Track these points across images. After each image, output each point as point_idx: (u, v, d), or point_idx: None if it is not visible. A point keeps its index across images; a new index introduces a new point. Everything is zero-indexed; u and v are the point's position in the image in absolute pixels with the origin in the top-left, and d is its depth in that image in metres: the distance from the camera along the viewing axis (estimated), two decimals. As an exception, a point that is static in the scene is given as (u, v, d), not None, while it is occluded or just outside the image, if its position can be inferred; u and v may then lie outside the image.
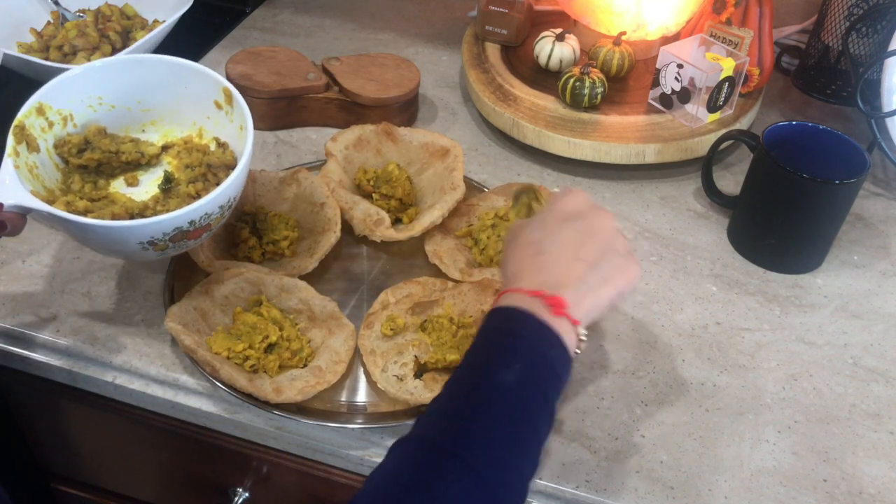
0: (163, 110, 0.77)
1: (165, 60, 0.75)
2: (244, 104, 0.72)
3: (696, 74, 0.91)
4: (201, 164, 0.73)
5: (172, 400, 0.71)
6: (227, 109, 0.74)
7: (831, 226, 0.83)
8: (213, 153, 0.74)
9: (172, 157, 0.76)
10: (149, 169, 0.76)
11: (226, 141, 0.75)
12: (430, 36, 1.19)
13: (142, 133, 0.77)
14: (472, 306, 0.74)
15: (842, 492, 0.66)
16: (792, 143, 0.82)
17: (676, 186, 0.95)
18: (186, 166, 0.74)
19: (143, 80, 0.75)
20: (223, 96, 0.74)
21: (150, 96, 0.76)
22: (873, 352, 0.77)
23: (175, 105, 0.76)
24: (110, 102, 0.75)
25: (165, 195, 0.73)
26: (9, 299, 0.76)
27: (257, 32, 1.18)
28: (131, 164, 0.75)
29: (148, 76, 0.75)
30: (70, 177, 0.73)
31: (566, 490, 0.65)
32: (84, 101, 0.73)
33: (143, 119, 0.77)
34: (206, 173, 0.73)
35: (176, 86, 0.75)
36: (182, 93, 0.75)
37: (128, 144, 0.75)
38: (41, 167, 0.71)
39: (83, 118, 0.74)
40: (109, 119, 0.75)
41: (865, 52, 0.96)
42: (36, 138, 0.70)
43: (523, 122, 0.94)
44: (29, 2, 1.09)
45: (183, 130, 0.77)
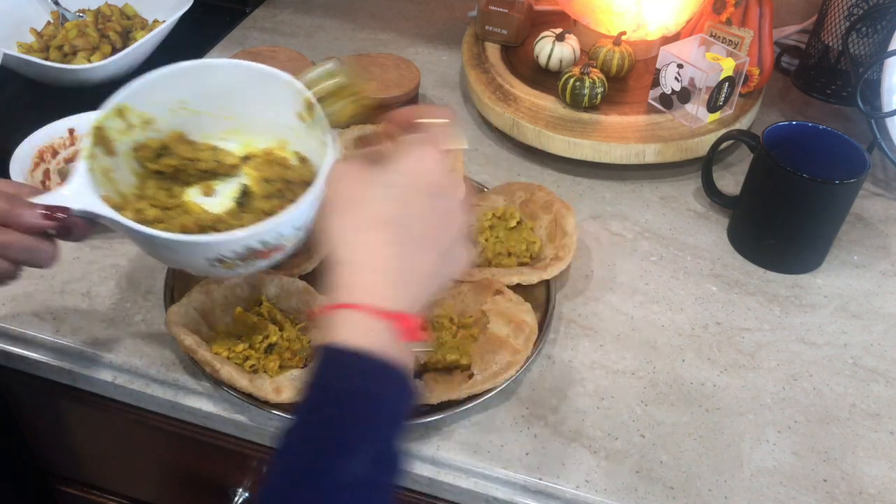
0: (245, 119, 0.71)
1: (251, 67, 0.69)
2: (324, 117, 0.66)
3: (696, 74, 0.91)
4: (280, 178, 0.68)
5: (172, 400, 0.71)
6: (309, 122, 0.68)
7: (831, 226, 0.83)
8: (292, 168, 0.69)
9: (252, 169, 0.70)
10: (226, 179, 0.71)
11: (306, 155, 0.69)
12: (430, 36, 1.19)
13: (222, 141, 0.71)
14: (472, 306, 0.74)
15: (842, 492, 0.66)
16: (792, 143, 0.82)
17: (676, 186, 0.95)
18: (265, 180, 0.69)
19: (228, 85, 0.70)
20: (305, 107, 0.67)
21: (233, 103, 0.70)
22: (873, 352, 0.77)
23: (258, 114, 0.71)
24: (193, 108, 0.70)
25: (241, 209, 0.68)
26: (9, 299, 0.76)
27: (257, 32, 1.18)
28: (208, 173, 0.70)
29: (232, 82, 0.70)
30: (146, 182, 0.68)
31: (566, 490, 0.65)
32: (166, 104, 0.69)
33: (224, 127, 0.71)
34: (283, 189, 0.67)
35: (260, 94, 0.69)
36: (266, 101, 0.69)
37: (207, 152, 0.70)
38: (117, 171, 0.66)
39: (164, 122, 0.69)
40: (190, 125, 0.70)
41: (865, 52, 0.96)
42: (114, 141, 0.66)
43: (523, 122, 0.94)
44: (29, 2, 1.09)
45: (265, 141, 0.72)
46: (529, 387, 0.72)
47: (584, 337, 0.77)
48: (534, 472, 0.65)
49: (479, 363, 0.68)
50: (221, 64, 0.70)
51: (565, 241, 0.79)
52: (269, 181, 0.69)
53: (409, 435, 0.53)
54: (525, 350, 0.70)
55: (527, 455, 0.66)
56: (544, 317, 0.75)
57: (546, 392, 0.71)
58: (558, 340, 0.76)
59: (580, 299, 0.80)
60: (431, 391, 0.67)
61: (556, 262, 0.77)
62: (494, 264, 0.79)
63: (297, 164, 0.69)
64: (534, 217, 0.83)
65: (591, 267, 0.84)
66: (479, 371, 0.68)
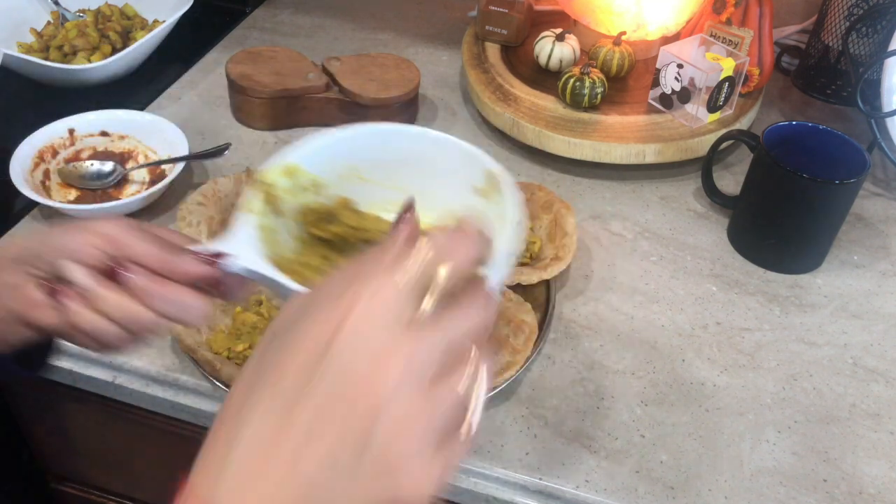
0: (412, 190, 0.64)
1: (428, 135, 0.65)
2: (513, 191, 0.60)
3: (696, 74, 0.91)
4: None
5: (172, 400, 0.71)
6: (489, 196, 0.63)
7: (831, 226, 0.83)
8: None
9: None
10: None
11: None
12: (430, 36, 1.19)
13: (384, 212, 0.66)
14: (472, 306, 0.74)
15: (842, 492, 0.66)
16: (792, 143, 0.82)
17: (676, 186, 0.95)
18: None
19: (400, 153, 0.65)
20: (486, 181, 0.63)
21: (402, 173, 0.66)
22: (873, 352, 0.77)
23: (428, 186, 0.65)
24: (362, 175, 0.65)
25: None
26: (9, 299, 0.76)
27: (257, 32, 1.18)
28: (370, 244, 0.65)
29: (405, 150, 0.66)
30: (306, 248, 0.63)
31: (566, 490, 0.65)
32: (336, 169, 0.64)
33: (389, 197, 0.65)
34: None
35: (433, 163, 0.65)
36: (438, 172, 0.65)
37: (372, 222, 0.65)
38: (279, 233, 0.61)
39: (332, 188, 0.64)
40: (357, 192, 0.66)
41: (865, 52, 0.96)
42: (280, 200, 0.61)
43: (523, 122, 0.94)
44: (29, 2, 1.09)
45: (431, 215, 0.64)
46: (529, 387, 0.72)
47: (584, 337, 0.77)
48: (534, 472, 0.65)
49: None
50: (399, 130, 0.66)
51: (565, 241, 0.79)
52: None
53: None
54: (525, 350, 0.70)
55: (527, 455, 0.66)
56: (544, 317, 0.75)
57: (546, 392, 0.71)
58: (558, 340, 0.76)
59: (580, 299, 0.80)
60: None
61: (555, 262, 0.77)
62: (494, 264, 0.79)
63: None
64: (534, 217, 0.83)
65: (591, 267, 0.84)
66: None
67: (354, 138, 0.65)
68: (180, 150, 0.88)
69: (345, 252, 0.64)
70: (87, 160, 0.90)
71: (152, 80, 1.06)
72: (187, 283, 0.50)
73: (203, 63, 1.10)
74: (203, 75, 1.08)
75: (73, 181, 0.88)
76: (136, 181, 0.90)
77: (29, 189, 0.82)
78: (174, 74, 1.07)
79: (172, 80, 1.06)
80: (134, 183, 0.89)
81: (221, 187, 0.81)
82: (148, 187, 0.88)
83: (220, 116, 1.01)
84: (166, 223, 0.85)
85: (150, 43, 1.03)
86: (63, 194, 0.87)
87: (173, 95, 1.04)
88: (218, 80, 1.05)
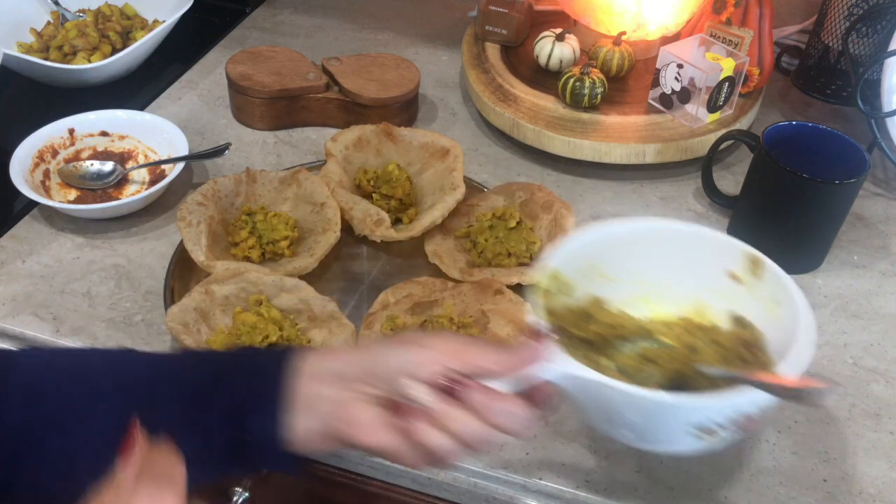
0: (655, 283, 0.66)
1: (678, 229, 0.65)
2: (781, 274, 0.60)
3: (696, 74, 0.91)
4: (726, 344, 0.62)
5: (172, 400, 0.71)
6: (747, 281, 0.63)
7: (831, 226, 0.83)
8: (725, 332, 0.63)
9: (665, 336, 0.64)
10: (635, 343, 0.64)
11: (743, 316, 0.63)
12: (430, 36, 1.19)
13: (627, 308, 0.66)
14: (472, 306, 0.74)
15: (842, 492, 0.65)
16: (792, 143, 0.82)
17: (676, 186, 0.95)
18: (689, 347, 0.63)
19: (645, 248, 0.65)
20: (747, 266, 0.63)
21: (646, 267, 0.65)
22: (873, 352, 0.77)
23: (673, 276, 0.65)
24: (603, 272, 0.65)
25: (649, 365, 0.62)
26: (9, 299, 0.76)
27: (257, 32, 1.18)
28: (628, 342, 0.65)
29: (652, 244, 0.65)
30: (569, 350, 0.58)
31: (566, 490, 0.65)
32: (581, 268, 0.64)
33: (631, 292, 0.66)
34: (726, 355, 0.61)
35: (679, 254, 0.65)
36: (684, 263, 0.65)
37: (626, 318, 0.65)
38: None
39: (579, 288, 0.64)
40: (600, 290, 0.65)
41: (865, 52, 0.96)
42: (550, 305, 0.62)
43: (523, 122, 0.94)
44: (29, 2, 1.09)
45: (676, 307, 0.66)
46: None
47: (584, 337, 0.77)
48: (534, 472, 0.65)
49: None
50: (644, 226, 0.66)
51: (565, 241, 0.79)
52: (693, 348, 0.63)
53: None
54: (525, 350, 0.70)
55: (527, 455, 0.66)
56: (544, 317, 0.75)
57: (546, 392, 0.71)
58: (558, 340, 0.76)
59: (580, 299, 0.80)
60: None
61: (556, 262, 0.77)
62: (494, 264, 0.79)
63: (733, 327, 0.64)
64: (534, 217, 0.83)
65: (591, 267, 0.84)
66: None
67: (600, 236, 0.64)
68: (180, 150, 0.89)
69: (604, 351, 0.62)
70: (87, 160, 0.90)
71: (152, 80, 1.06)
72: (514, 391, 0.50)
73: (203, 63, 1.10)
74: (203, 75, 1.08)
75: (73, 181, 0.88)
76: (136, 181, 0.90)
77: (29, 189, 0.82)
78: (174, 74, 1.07)
79: (172, 80, 1.06)
80: (134, 183, 0.89)
81: (221, 187, 0.81)
82: (148, 187, 0.88)
83: (220, 116, 1.01)
84: (166, 223, 0.85)
85: (150, 43, 1.03)
86: (63, 194, 0.87)
87: (173, 95, 1.04)
88: (218, 80, 1.05)
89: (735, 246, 0.63)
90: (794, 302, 0.59)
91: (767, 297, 0.61)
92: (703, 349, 0.62)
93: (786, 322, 0.59)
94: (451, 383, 0.49)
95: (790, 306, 0.59)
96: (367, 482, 0.71)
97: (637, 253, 0.65)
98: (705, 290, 0.65)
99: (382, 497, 0.72)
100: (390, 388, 0.50)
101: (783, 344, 0.58)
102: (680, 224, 0.66)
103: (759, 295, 0.62)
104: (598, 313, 0.64)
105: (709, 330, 0.64)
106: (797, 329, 0.56)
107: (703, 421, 0.53)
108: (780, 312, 0.59)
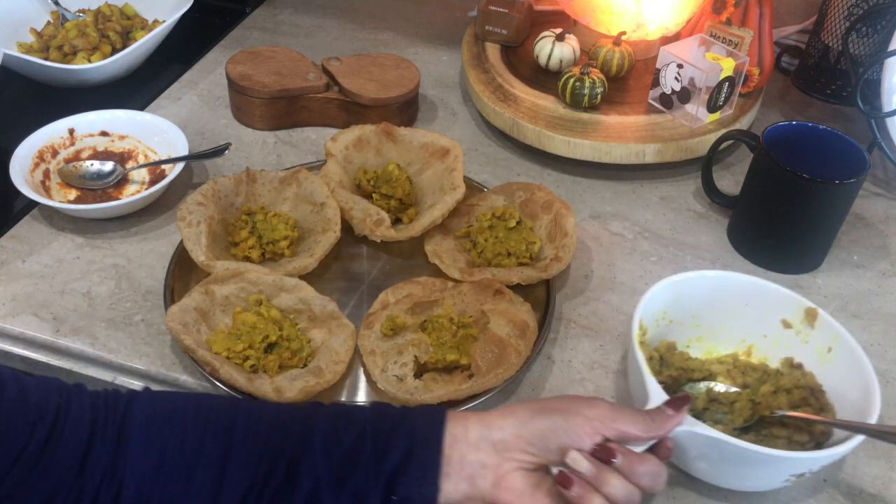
0: (711, 326, 0.72)
1: (743, 281, 0.71)
2: (837, 326, 0.68)
3: (696, 74, 0.91)
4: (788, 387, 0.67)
5: (172, 400, 0.71)
6: (800, 329, 0.70)
7: (831, 226, 0.83)
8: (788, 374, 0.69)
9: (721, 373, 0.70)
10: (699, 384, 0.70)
11: (800, 362, 0.70)
12: (430, 36, 1.19)
13: (686, 349, 0.72)
14: (472, 306, 0.74)
15: (842, 492, 0.65)
16: (792, 143, 0.82)
17: (676, 186, 0.95)
18: (743, 385, 0.69)
19: (708, 296, 0.71)
20: (801, 317, 0.69)
21: (706, 311, 0.71)
22: (873, 352, 0.77)
23: (725, 321, 0.72)
24: (671, 317, 0.71)
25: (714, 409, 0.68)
26: (9, 299, 0.76)
27: (257, 32, 1.18)
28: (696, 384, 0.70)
29: (716, 293, 0.71)
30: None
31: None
32: (652, 314, 0.69)
33: (690, 334, 0.72)
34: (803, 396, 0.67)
35: (736, 303, 0.71)
36: (740, 310, 0.71)
37: (696, 362, 0.70)
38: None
39: (651, 332, 0.69)
40: (667, 334, 0.71)
41: (865, 52, 0.96)
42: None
43: (523, 122, 0.94)
44: (29, 2, 1.09)
45: (727, 347, 0.72)
46: (529, 387, 0.72)
47: (584, 337, 0.77)
48: (534, 472, 0.65)
49: (478, 363, 0.68)
50: (717, 276, 0.72)
51: (565, 242, 0.79)
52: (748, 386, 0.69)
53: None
54: (525, 350, 0.70)
55: (527, 455, 0.66)
56: (544, 317, 0.75)
57: (546, 392, 0.71)
58: (558, 340, 0.76)
59: (580, 299, 0.80)
60: (431, 391, 0.67)
61: (555, 262, 0.77)
62: (494, 264, 0.79)
63: (788, 369, 0.70)
64: (534, 217, 0.83)
65: (591, 267, 0.84)
66: (479, 371, 0.68)
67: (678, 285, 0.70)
68: (180, 150, 0.89)
69: (676, 393, 0.66)
70: (87, 160, 0.90)
71: (152, 80, 1.06)
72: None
73: (203, 63, 1.10)
74: (203, 75, 1.08)
75: (73, 181, 0.88)
76: (135, 181, 0.90)
77: (29, 189, 0.82)
78: (174, 74, 1.07)
79: (172, 80, 1.06)
80: (134, 183, 0.89)
81: (221, 187, 0.81)
82: (148, 187, 0.88)
83: (220, 116, 1.01)
84: (166, 223, 0.85)
85: (150, 43, 1.03)
86: (63, 194, 0.87)
87: (173, 95, 1.04)
88: (218, 80, 1.05)
89: (794, 300, 0.70)
90: (849, 347, 0.66)
91: (825, 345, 0.68)
92: (768, 392, 0.67)
93: (839, 367, 0.66)
94: (605, 453, 0.53)
95: (844, 352, 0.66)
96: (367, 482, 0.71)
97: (696, 298, 0.71)
98: (757, 334, 0.71)
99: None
100: (550, 458, 0.55)
101: (837, 388, 0.66)
102: (748, 278, 0.72)
103: (808, 340, 0.69)
104: (671, 357, 0.69)
105: (759, 369, 0.70)
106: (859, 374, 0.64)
107: (805, 470, 0.60)
108: (832, 357, 0.67)
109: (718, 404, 0.68)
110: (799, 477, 0.61)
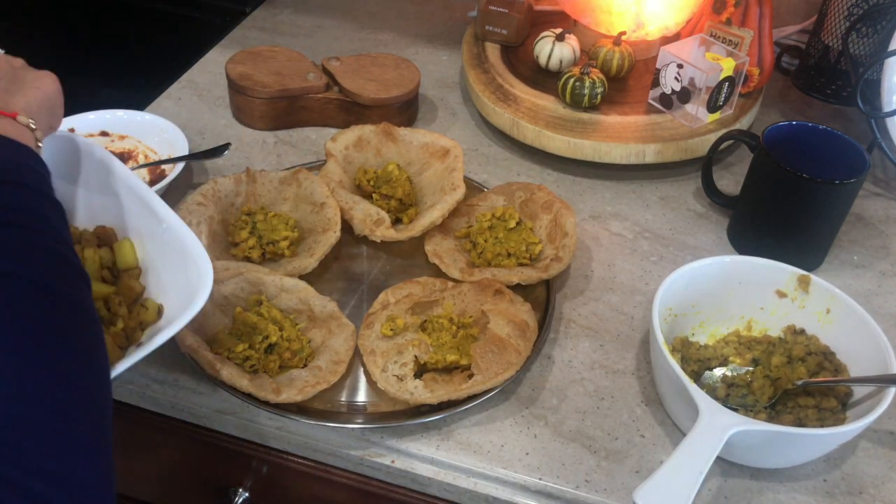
0: (711, 310, 0.74)
1: (733, 261, 0.74)
2: (831, 287, 0.70)
3: (696, 74, 0.91)
4: (801, 355, 0.70)
5: (172, 400, 0.71)
6: (795, 296, 0.72)
7: (831, 226, 0.83)
8: (793, 342, 0.71)
9: (731, 354, 0.72)
10: (715, 371, 0.72)
11: (802, 327, 0.72)
12: (430, 36, 1.19)
13: (693, 337, 0.74)
14: (471, 306, 0.74)
15: (842, 492, 0.66)
16: (792, 143, 0.82)
17: (676, 186, 0.95)
18: (753, 360, 0.72)
19: (705, 284, 0.73)
20: (794, 284, 0.72)
21: (704, 298, 0.74)
22: (873, 352, 0.77)
23: (722, 303, 0.74)
24: (676, 312, 0.73)
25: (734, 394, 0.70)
26: (9, 299, 0.76)
27: (257, 32, 1.18)
28: (707, 370, 0.72)
29: (711, 279, 0.73)
30: None
31: (566, 490, 0.65)
32: (663, 314, 0.71)
33: (693, 323, 0.75)
34: (819, 361, 0.69)
35: (730, 283, 0.73)
36: (734, 289, 0.74)
37: (710, 350, 0.72)
38: None
39: (663, 331, 0.69)
40: (676, 329, 0.73)
41: (865, 52, 0.96)
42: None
43: (523, 122, 0.94)
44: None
45: (728, 326, 0.75)
46: (529, 387, 0.72)
47: (584, 337, 0.77)
48: (534, 472, 0.65)
49: (479, 363, 0.68)
50: (707, 264, 0.73)
51: (565, 242, 0.79)
52: (757, 361, 0.71)
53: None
54: (525, 350, 0.70)
55: (527, 455, 0.66)
56: (544, 317, 0.75)
57: (546, 392, 0.71)
58: (558, 340, 0.76)
59: (580, 299, 0.80)
60: (431, 391, 0.67)
61: (555, 263, 0.77)
62: (494, 264, 0.79)
63: (792, 336, 0.72)
64: (534, 217, 0.83)
65: (591, 267, 0.84)
66: (479, 371, 0.68)
67: (672, 282, 0.71)
68: (180, 150, 0.89)
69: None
70: (87, 160, 0.90)
71: (152, 80, 1.06)
72: None
73: (203, 63, 1.10)
74: (203, 75, 1.08)
75: (73, 181, 0.88)
76: (136, 181, 0.90)
77: (29, 189, 0.82)
78: (174, 74, 1.07)
79: (172, 80, 1.06)
80: (134, 183, 0.89)
81: (221, 187, 0.81)
82: (148, 187, 0.88)
83: (220, 116, 1.01)
84: (166, 223, 0.85)
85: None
86: (63, 194, 0.87)
87: (173, 95, 1.04)
88: (218, 80, 1.05)
89: (783, 270, 0.72)
90: (847, 305, 0.69)
91: (821, 308, 0.71)
92: (781, 364, 0.69)
93: (842, 326, 0.68)
94: None
95: (843, 311, 0.68)
96: (367, 482, 0.71)
97: (694, 288, 0.73)
98: (753, 308, 0.73)
99: (382, 497, 0.72)
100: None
101: (844, 346, 0.68)
102: (732, 257, 0.75)
103: (805, 305, 0.72)
104: (688, 351, 0.71)
105: (763, 341, 0.72)
106: (862, 329, 0.67)
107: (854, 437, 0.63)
108: (831, 317, 0.69)
109: (737, 388, 0.69)
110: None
